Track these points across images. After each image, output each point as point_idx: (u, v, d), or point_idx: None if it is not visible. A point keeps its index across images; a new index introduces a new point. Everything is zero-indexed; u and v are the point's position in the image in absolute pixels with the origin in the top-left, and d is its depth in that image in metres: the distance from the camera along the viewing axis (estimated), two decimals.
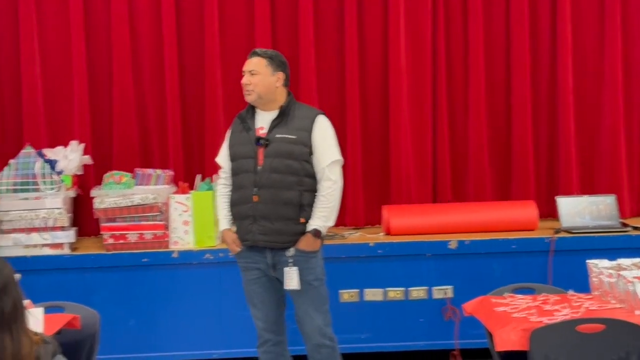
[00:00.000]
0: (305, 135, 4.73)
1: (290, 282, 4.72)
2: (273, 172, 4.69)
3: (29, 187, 5.90)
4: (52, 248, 5.86)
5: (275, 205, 4.68)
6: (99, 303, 5.20)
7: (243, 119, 4.83)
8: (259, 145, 4.72)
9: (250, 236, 4.73)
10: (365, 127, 6.56)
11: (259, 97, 4.76)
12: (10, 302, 3.16)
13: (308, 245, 4.72)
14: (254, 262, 4.80)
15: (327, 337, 4.87)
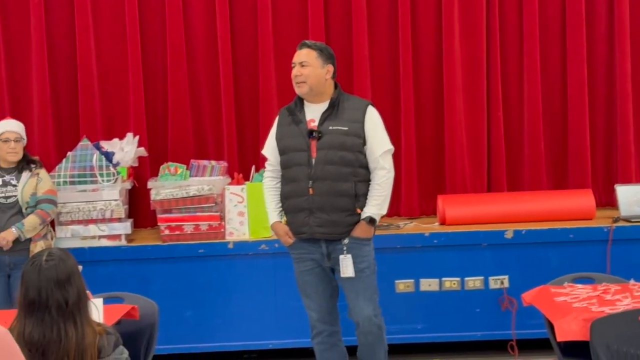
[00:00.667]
0: (358, 126, 4.76)
1: (346, 270, 4.77)
2: (328, 164, 4.72)
3: (87, 179, 5.96)
4: (110, 239, 5.92)
5: (331, 197, 4.73)
6: (156, 294, 5.22)
7: (292, 111, 4.86)
8: (312, 137, 4.75)
9: (307, 229, 4.78)
10: (420, 117, 6.51)
11: (310, 89, 4.79)
12: (74, 292, 3.21)
13: (363, 232, 4.77)
14: (309, 252, 4.85)
15: (376, 324, 4.89)
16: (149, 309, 4.35)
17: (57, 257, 3.27)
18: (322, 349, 4.97)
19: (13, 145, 5.48)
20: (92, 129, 6.39)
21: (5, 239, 5.36)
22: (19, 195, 5.45)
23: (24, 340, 3.19)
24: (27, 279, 3.23)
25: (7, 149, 5.49)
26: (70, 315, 3.21)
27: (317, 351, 5.00)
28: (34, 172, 5.54)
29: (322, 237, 4.77)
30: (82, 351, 3.20)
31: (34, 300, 3.20)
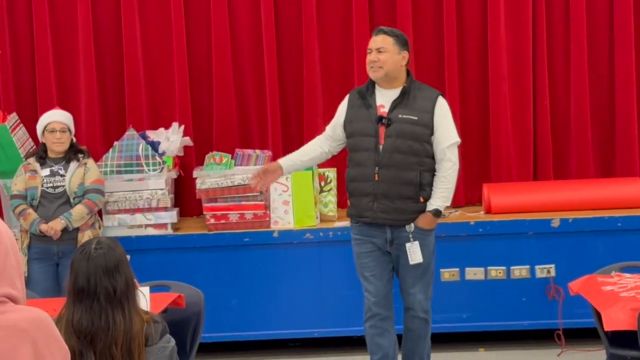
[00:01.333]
0: (427, 116, 4.78)
1: (415, 257, 4.81)
2: (395, 152, 4.74)
3: (133, 168, 6.01)
4: (156, 228, 5.97)
5: (396, 185, 4.76)
6: (201, 282, 5.24)
7: (363, 95, 4.86)
8: (381, 124, 4.76)
9: (371, 213, 4.80)
10: (465, 104, 6.47)
11: (386, 75, 4.80)
12: (122, 280, 3.25)
13: (427, 223, 4.83)
14: (371, 236, 4.87)
15: (424, 310, 4.95)
16: (195, 298, 4.38)
17: (106, 246, 3.31)
18: (374, 333, 4.95)
19: (59, 136, 5.54)
20: (138, 118, 6.44)
21: (53, 228, 5.43)
22: (67, 186, 5.51)
23: (73, 328, 3.24)
24: (76, 266, 3.27)
25: (52, 139, 5.55)
26: (118, 303, 3.24)
27: (369, 335, 4.98)
28: (82, 161, 5.60)
29: (385, 223, 4.80)
30: (130, 339, 3.23)
31: (83, 288, 3.24)
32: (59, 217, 5.46)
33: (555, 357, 5.76)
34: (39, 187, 5.52)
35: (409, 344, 5.02)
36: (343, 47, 6.46)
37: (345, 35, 6.40)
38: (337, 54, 6.49)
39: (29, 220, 5.48)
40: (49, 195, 5.52)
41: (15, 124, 6.12)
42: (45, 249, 5.50)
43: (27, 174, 5.57)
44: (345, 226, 5.93)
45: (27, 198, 5.54)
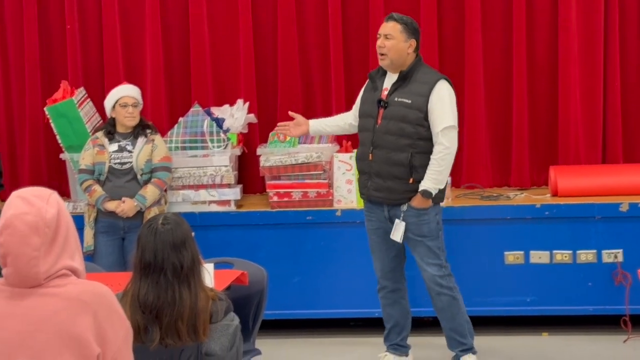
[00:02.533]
0: (422, 100, 4.95)
1: (395, 234, 5.04)
2: (387, 134, 4.98)
3: (197, 144, 6.02)
4: (219, 205, 5.98)
5: (387, 165, 5.00)
6: (263, 260, 5.23)
7: (373, 78, 5.13)
8: (380, 106, 5.00)
9: (366, 191, 5.12)
10: (532, 86, 6.35)
11: (391, 62, 5.00)
12: (189, 256, 3.25)
13: (419, 203, 4.99)
14: (374, 214, 5.15)
15: (445, 286, 5.12)
16: (258, 276, 4.38)
17: (173, 222, 3.32)
18: (385, 303, 5.32)
19: (131, 110, 5.57)
20: (204, 95, 6.44)
21: (126, 213, 5.46)
22: (134, 162, 5.54)
23: (139, 302, 3.25)
24: (144, 242, 3.28)
25: (125, 113, 5.57)
26: (185, 278, 3.25)
27: (381, 305, 5.35)
28: (149, 137, 5.62)
29: (378, 201, 5.05)
30: (195, 315, 3.23)
31: (150, 263, 3.25)
32: (133, 199, 5.47)
33: (621, 343, 5.66)
34: (107, 162, 5.55)
35: (445, 323, 5.24)
36: None
37: (412, 6, 6.31)
38: None
39: (94, 197, 5.52)
40: (116, 171, 5.55)
41: (83, 99, 6.17)
42: (111, 223, 5.54)
43: (95, 149, 5.61)
44: None
45: (94, 173, 5.58)
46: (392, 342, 5.38)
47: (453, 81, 6.28)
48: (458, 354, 5.25)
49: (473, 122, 6.34)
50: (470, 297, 5.80)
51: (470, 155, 6.37)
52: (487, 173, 6.43)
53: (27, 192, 2.52)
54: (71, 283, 2.46)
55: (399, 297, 5.30)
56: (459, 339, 5.22)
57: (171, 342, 3.23)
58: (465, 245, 5.83)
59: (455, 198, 6.05)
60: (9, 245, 2.41)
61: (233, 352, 3.35)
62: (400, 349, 5.39)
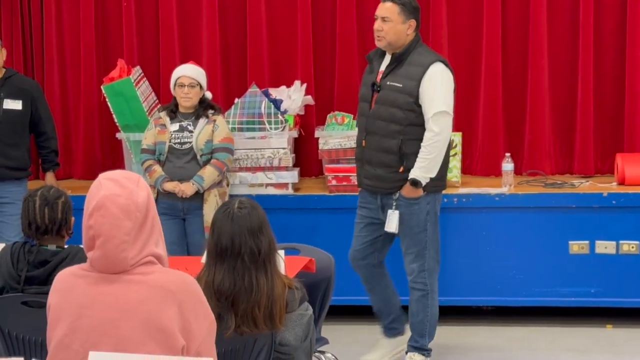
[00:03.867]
0: (413, 84, 4.74)
1: (389, 225, 4.88)
2: (378, 119, 4.81)
3: (255, 126, 5.91)
4: (277, 188, 5.88)
5: (379, 152, 4.84)
6: (321, 244, 5.06)
7: (370, 60, 4.95)
8: (374, 90, 4.83)
9: (358, 178, 5.04)
10: (599, 70, 6.16)
11: (389, 44, 4.80)
12: (266, 241, 3.15)
13: (408, 192, 4.83)
14: (367, 202, 5.01)
15: (420, 282, 4.99)
16: (325, 262, 4.25)
17: (249, 206, 3.20)
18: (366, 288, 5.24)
19: (186, 91, 5.45)
20: (260, 76, 6.32)
21: (184, 193, 5.37)
22: (194, 142, 5.43)
23: (214, 289, 3.13)
24: (219, 226, 3.16)
25: (180, 93, 5.47)
26: (262, 264, 3.13)
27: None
28: (211, 118, 5.51)
29: (370, 190, 4.92)
30: (272, 302, 3.12)
31: (227, 248, 3.13)
32: (191, 181, 5.38)
33: None
34: (167, 142, 5.45)
35: (409, 316, 5.09)
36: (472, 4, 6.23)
37: None
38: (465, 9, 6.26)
39: (154, 177, 5.43)
40: (175, 151, 5.45)
41: (139, 78, 6.08)
42: (171, 204, 5.45)
43: (157, 128, 5.51)
44: (470, 192, 5.75)
45: (155, 153, 5.49)
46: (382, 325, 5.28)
47: (516, 66, 6.22)
48: (410, 348, 5.10)
49: (536, 107, 6.18)
50: (532, 287, 5.71)
51: (533, 141, 6.22)
52: (549, 159, 6.27)
53: (116, 174, 2.41)
54: (157, 271, 2.35)
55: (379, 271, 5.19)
56: (415, 336, 5.07)
57: (247, 330, 3.11)
58: (528, 234, 5.69)
59: (518, 185, 5.89)
60: (100, 227, 2.30)
61: (307, 343, 3.24)
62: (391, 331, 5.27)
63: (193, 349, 2.33)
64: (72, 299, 2.33)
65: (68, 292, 2.35)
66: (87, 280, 2.35)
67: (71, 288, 2.35)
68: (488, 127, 6.26)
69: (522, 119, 6.25)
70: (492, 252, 5.70)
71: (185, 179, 5.41)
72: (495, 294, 5.76)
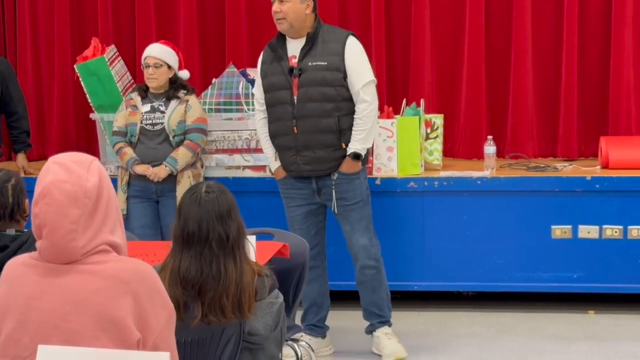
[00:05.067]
0: (337, 59, 4.76)
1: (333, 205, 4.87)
2: (309, 102, 4.77)
3: (232, 107, 5.79)
4: (254, 170, 5.75)
5: (316, 134, 4.79)
6: None
7: (274, 48, 4.87)
8: (293, 75, 4.78)
9: (295, 167, 4.88)
10: (583, 52, 6.06)
11: (291, 26, 4.78)
12: (235, 227, 3.03)
13: (349, 167, 4.84)
14: (298, 189, 4.95)
15: (373, 258, 4.97)
16: (299, 247, 4.13)
17: (217, 190, 3.08)
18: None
19: (151, 71, 5.30)
20: (239, 55, 6.21)
21: (157, 175, 5.25)
22: (166, 123, 5.30)
23: (179, 277, 3.02)
24: (186, 211, 3.04)
25: (146, 74, 5.34)
26: (230, 250, 3.01)
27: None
28: (183, 98, 5.37)
29: (310, 175, 4.87)
30: (241, 290, 3.00)
31: (194, 234, 3.01)
32: (164, 163, 5.26)
33: None
34: (138, 123, 5.32)
35: (365, 296, 5.06)
36: None
37: None
38: None
39: (125, 160, 5.31)
40: (147, 132, 5.32)
41: (114, 57, 5.94)
42: (144, 187, 5.33)
43: (128, 110, 5.38)
44: (451, 176, 5.65)
45: (126, 135, 5.36)
46: (308, 322, 5.12)
47: (500, 48, 6.13)
48: (375, 325, 5.06)
49: (519, 90, 6.09)
50: (514, 272, 5.62)
51: (516, 124, 6.13)
52: (532, 142, 6.18)
53: (65, 157, 2.26)
54: (111, 260, 2.22)
55: (317, 274, 5.06)
56: (378, 312, 5.04)
57: (214, 319, 2.99)
58: (510, 218, 5.59)
59: (500, 168, 5.78)
60: (45, 216, 2.17)
61: (277, 333, 3.13)
62: (316, 329, 5.13)
63: (150, 342, 2.20)
64: (21, 290, 2.21)
65: (17, 282, 2.22)
66: (36, 271, 2.22)
67: (20, 278, 2.22)
68: (470, 110, 6.16)
69: (505, 101, 6.16)
70: (474, 237, 5.60)
71: (157, 161, 5.29)
72: (476, 280, 5.66)
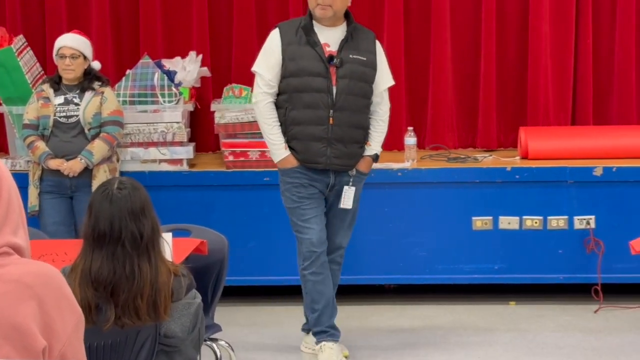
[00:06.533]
0: (372, 57, 4.67)
1: (347, 202, 4.71)
2: (350, 95, 4.60)
3: (147, 99, 5.63)
4: (171, 164, 5.61)
5: (351, 129, 4.64)
6: (218, 222, 4.96)
7: (307, 30, 4.58)
8: (332, 64, 4.57)
9: (324, 159, 4.64)
10: (501, 42, 6.04)
11: (334, 14, 4.57)
12: (149, 225, 2.89)
13: (367, 167, 4.77)
14: (312, 180, 4.69)
15: (341, 255, 4.92)
16: (218, 244, 4.01)
17: (130, 186, 2.94)
18: (316, 280, 4.75)
19: (68, 62, 5.12)
20: (153, 46, 6.02)
21: (72, 169, 5.07)
22: (81, 115, 5.12)
23: (91, 277, 2.87)
24: (97, 209, 2.89)
25: (62, 65, 5.15)
26: (144, 250, 2.87)
27: (310, 282, 4.76)
28: (99, 90, 5.20)
29: (337, 169, 4.68)
30: (156, 291, 2.86)
31: (105, 233, 2.86)
32: (79, 156, 5.08)
33: (592, 313, 5.44)
34: (52, 116, 5.13)
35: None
36: None
37: None
38: None
39: (37, 154, 5.12)
40: (61, 125, 5.13)
41: (22, 47, 5.70)
42: (58, 182, 5.15)
43: (40, 102, 5.18)
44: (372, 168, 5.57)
45: (38, 128, 5.16)
46: (324, 325, 4.77)
47: (419, 39, 6.08)
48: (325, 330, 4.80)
49: (439, 81, 6.03)
50: (435, 264, 5.59)
51: (436, 115, 6.08)
52: (452, 133, 6.14)
53: None
54: (12, 263, 2.05)
55: (328, 270, 4.80)
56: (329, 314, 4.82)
57: (128, 321, 2.85)
58: (432, 210, 5.55)
59: (420, 160, 5.74)
60: None
61: (195, 334, 3.00)
62: (335, 333, 4.81)
63: (56, 350, 2.05)
64: None
65: None
66: None
67: None
68: (390, 101, 6.07)
69: (424, 92, 6.10)
70: (395, 229, 5.55)
71: (72, 155, 5.11)
72: (398, 272, 5.62)
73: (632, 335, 5.09)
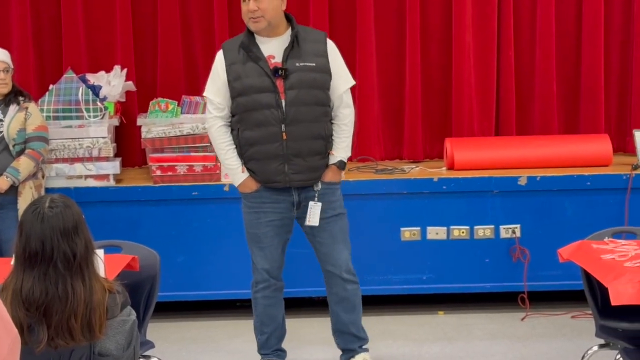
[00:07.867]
0: (324, 61, 4.40)
1: (312, 218, 4.46)
2: (301, 105, 4.35)
3: (72, 114, 5.56)
4: (97, 179, 5.53)
5: (307, 141, 4.39)
6: (146, 238, 4.89)
7: (246, 47, 4.36)
8: (278, 76, 4.32)
9: (282, 177, 4.41)
10: (426, 54, 6.12)
11: (269, 24, 4.35)
12: (82, 243, 2.84)
13: (335, 177, 4.50)
14: (274, 202, 4.48)
15: (352, 272, 4.63)
16: (150, 260, 3.98)
17: (62, 204, 2.88)
18: (268, 303, 4.65)
19: (2, 76, 5.02)
20: (77, 60, 5.95)
21: None
22: (5, 132, 5.01)
23: (22, 298, 2.81)
24: (28, 228, 2.83)
25: None
26: (77, 269, 2.82)
27: (261, 305, 4.66)
28: (23, 105, 5.10)
29: (299, 185, 4.43)
30: (91, 310, 2.82)
31: (37, 253, 2.80)
32: (4, 174, 4.97)
33: (519, 321, 5.52)
34: None
35: (344, 316, 4.68)
36: None
37: None
38: None
39: None
40: None
41: None
42: None
43: None
44: None
45: None
46: (272, 348, 4.71)
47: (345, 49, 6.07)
48: (357, 350, 4.72)
49: (365, 92, 6.08)
50: (364, 275, 5.58)
51: (362, 127, 6.10)
52: (379, 145, 6.20)
53: None
54: None
55: (281, 295, 4.69)
56: (356, 333, 4.71)
57: (62, 342, 2.80)
58: (360, 221, 5.54)
59: (348, 172, 5.73)
60: None
61: (130, 352, 2.95)
62: (282, 354, 4.77)
63: None
64: None
65: None
66: None
67: None
68: None
69: None
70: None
71: None
72: None
73: (558, 342, 5.18)
